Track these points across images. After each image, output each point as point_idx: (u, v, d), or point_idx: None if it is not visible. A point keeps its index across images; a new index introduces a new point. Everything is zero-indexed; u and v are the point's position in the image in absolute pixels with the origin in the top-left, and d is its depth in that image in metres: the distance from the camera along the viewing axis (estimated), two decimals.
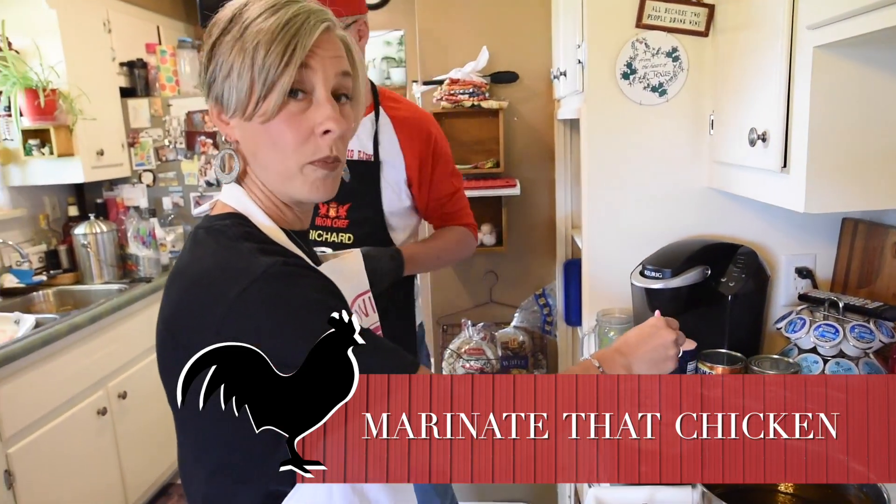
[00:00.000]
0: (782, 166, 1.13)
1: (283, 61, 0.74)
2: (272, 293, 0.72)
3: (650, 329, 0.94)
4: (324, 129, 0.77)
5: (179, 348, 0.76)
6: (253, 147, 0.80)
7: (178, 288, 0.78)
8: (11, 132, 2.75)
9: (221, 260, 0.75)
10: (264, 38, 0.74)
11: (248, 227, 0.80)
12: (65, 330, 2.28)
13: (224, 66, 0.76)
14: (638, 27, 1.51)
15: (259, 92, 0.75)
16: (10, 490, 2.03)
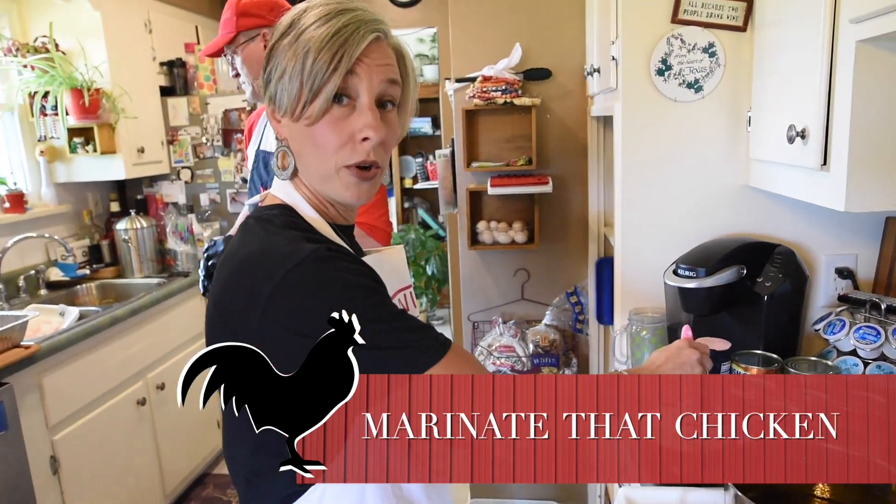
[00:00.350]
0: (822, 164, 1.10)
1: (329, 68, 0.77)
2: (315, 275, 0.75)
3: (675, 349, 0.97)
4: (363, 136, 0.81)
5: (227, 328, 0.80)
6: (298, 146, 0.84)
7: (227, 271, 0.83)
8: (58, 130, 2.84)
9: (268, 245, 0.79)
10: (315, 45, 0.78)
11: (295, 217, 0.85)
12: (107, 322, 2.35)
13: (278, 68, 0.81)
14: (674, 22, 1.49)
15: (306, 96, 0.79)
16: (55, 475, 2.11)
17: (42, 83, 2.71)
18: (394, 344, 0.76)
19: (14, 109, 2.83)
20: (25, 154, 2.90)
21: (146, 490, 2.59)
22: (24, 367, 1.98)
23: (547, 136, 2.37)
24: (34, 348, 2.00)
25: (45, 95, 2.75)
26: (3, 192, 2.71)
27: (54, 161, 2.94)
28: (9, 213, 2.71)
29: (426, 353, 0.77)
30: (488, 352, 2.33)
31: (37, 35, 2.81)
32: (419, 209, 5.56)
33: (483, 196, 2.41)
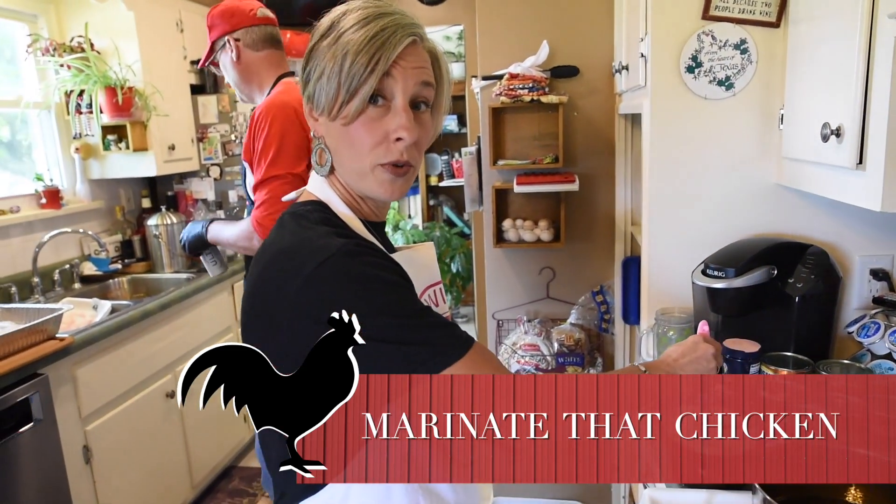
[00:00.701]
0: (858, 162, 1.07)
1: (366, 71, 0.80)
2: (344, 269, 0.77)
3: (691, 344, 0.99)
4: (396, 136, 0.83)
5: (259, 318, 0.83)
6: (334, 144, 0.87)
7: (261, 263, 0.85)
8: (92, 128, 2.91)
9: (301, 239, 0.82)
10: (353, 48, 0.80)
11: (328, 213, 0.88)
12: (138, 316, 2.40)
13: (317, 68, 0.83)
14: (704, 19, 1.47)
15: (343, 97, 0.82)
16: (87, 465, 2.16)
17: (77, 82, 2.78)
18: (417, 339, 0.77)
19: (51, 108, 2.90)
20: (61, 151, 2.97)
21: (174, 481, 2.64)
22: (59, 358, 2.03)
23: (574, 134, 2.35)
24: (68, 340, 2.05)
25: (81, 94, 2.82)
26: (40, 188, 2.78)
27: (89, 158, 3.01)
28: (45, 209, 2.78)
29: (449, 349, 0.78)
30: (513, 350, 2.33)
31: (73, 35, 2.87)
32: (444, 207, 5.56)
33: (509, 194, 2.41)
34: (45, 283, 2.70)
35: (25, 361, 1.89)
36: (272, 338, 0.82)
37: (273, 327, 0.81)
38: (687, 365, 0.95)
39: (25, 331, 1.95)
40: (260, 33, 1.92)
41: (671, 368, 0.93)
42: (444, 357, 0.77)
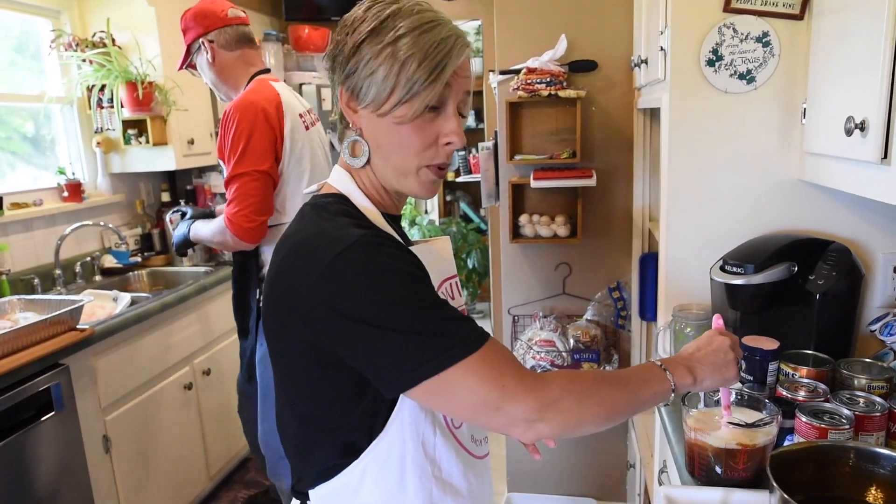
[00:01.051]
0: (882, 157, 1.05)
1: (430, 78, 0.82)
2: (363, 259, 0.78)
3: (706, 337, 0.99)
4: (447, 140, 0.86)
5: (280, 306, 0.85)
6: (378, 140, 0.88)
7: (282, 253, 0.87)
8: (114, 123, 2.94)
9: (320, 230, 0.83)
10: (418, 52, 0.82)
11: (348, 206, 0.89)
12: (157, 308, 2.43)
13: (370, 64, 0.83)
14: (726, 11, 1.44)
15: (400, 97, 0.83)
16: (107, 454, 2.19)
17: (99, 77, 2.81)
18: (433, 331, 0.78)
19: (73, 102, 2.94)
20: (83, 145, 3.01)
21: (191, 472, 2.67)
22: (80, 349, 2.06)
23: (592, 129, 2.33)
24: (89, 331, 2.08)
25: (102, 89, 2.85)
26: (63, 181, 2.83)
27: (110, 152, 3.05)
28: (67, 202, 2.82)
29: (463, 343, 0.78)
30: (528, 346, 2.32)
31: (95, 30, 2.90)
32: (461, 202, 5.56)
33: (525, 189, 2.39)
34: (67, 276, 2.74)
35: (47, 351, 1.92)
36: (292, 325, 0.84)
37: (293, 315, 0.82)
38: (703, 358, 0.94)
39: (47, 321, 1.98)
40: (233, 33, 1.99)
41: (688, 363, 0.92)
42: (458, 350, 0.77)
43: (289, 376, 0.90)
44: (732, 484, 1.03)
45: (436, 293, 0.83)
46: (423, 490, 0.89)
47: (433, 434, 0.89)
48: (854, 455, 0.88)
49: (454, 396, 0.78)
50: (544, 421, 0.78)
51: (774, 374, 1.24)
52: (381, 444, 0.87)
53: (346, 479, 0.89)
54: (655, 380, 0.88)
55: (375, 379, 0.80)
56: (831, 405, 1.06)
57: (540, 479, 2.62)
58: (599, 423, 0.82)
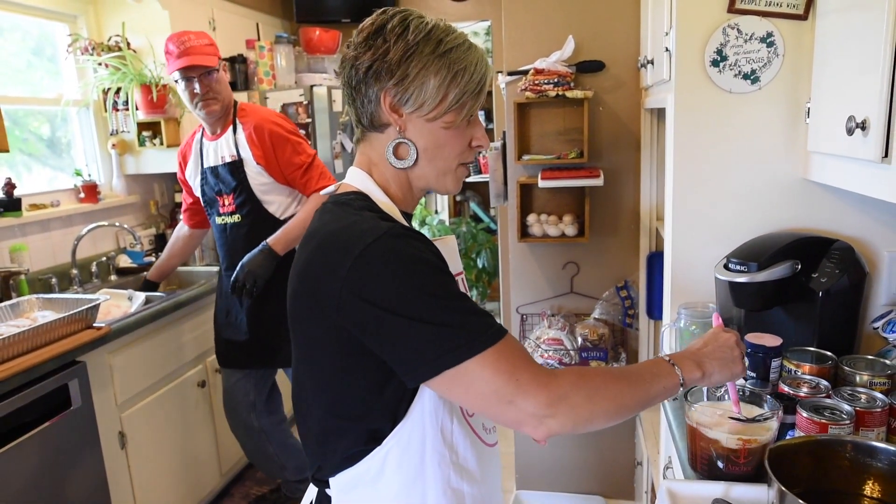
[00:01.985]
0: (883, 156, 1.06)
1: (475, 90, 0.93)
2: (391, 249, 0.82)
3: (711, 334, 1.03)
4: (478, 143, 0.98)
5: (309, 298, 0.88)
6: (425, 143, 0.94)
7: (311, 246, 0.90)
8: (128, 125, 2.99)
9: (348, 224, 0.87)
10: (469, 66, 0.91)
11: (370, 202, 0.94)
12: (170, 307, 2.47)
13: (422, 73, 0.90)
14: (730, 12, 1.46)
15: (451, 104, 0.91)
16: (123, 450, 2.24)
17: (115, 80, 2.87)
18: (455, 322, 0.81)
19: (89, 105, 3.00)
20: (99, 147, 3.07)
21: (204, 469, 2.71)
22: (96, 346, 2.10)
23: (599, 129, 2.35)
24: (105, 330, 2.12)
25: (118, 91, 2.90)
26: (79, 183, 2.88)
27: (125, 154, 3.10)
28: (84, 203, 2.88)
29: (483, 335, 0.81)
30: (536, 344, 2.34)
31: (110, 34, 2.96)
32: (471, 202, 5.58)
33: (533, 189, 2.41)
34: (84, 275, 2.80)
35: (65, 349, 1.96)
36: (320, 316, 0.87)
37: (323, 306, 0.85)
38: (711, 353, 0.97)
39: (65, 320, 2.03)
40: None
41: (697, 358, 0.95)
42: (478, 343, 0.80)
43: (316, 365, 0.93)
44: (734, 478, 1.05)
45: (457, 286, 0.86)
46: (441, 475, 0.93)
47: (451, 421, 0.93)
48: (851, 449, 0.89)
49: (471, 387, 0.81)
50: (554, 417, 0.81)
51: (777, 370, 1.25)
52: (403, 430, 0.90)
53: (368, 466, 0.92)
54: (664, 375, 0.90)
55: (398, 367, 0.84)
56: (832, 401, 1.07)
57: (548, 476, 2.64)
58: (610, 418, 0.84)
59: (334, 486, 0.96)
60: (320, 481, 0.99)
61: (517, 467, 2.65)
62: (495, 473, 1.04)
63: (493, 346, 0.81)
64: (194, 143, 2.41)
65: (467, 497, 0.95)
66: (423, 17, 0.93)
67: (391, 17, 0.92)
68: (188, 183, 2.48)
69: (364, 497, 0.93)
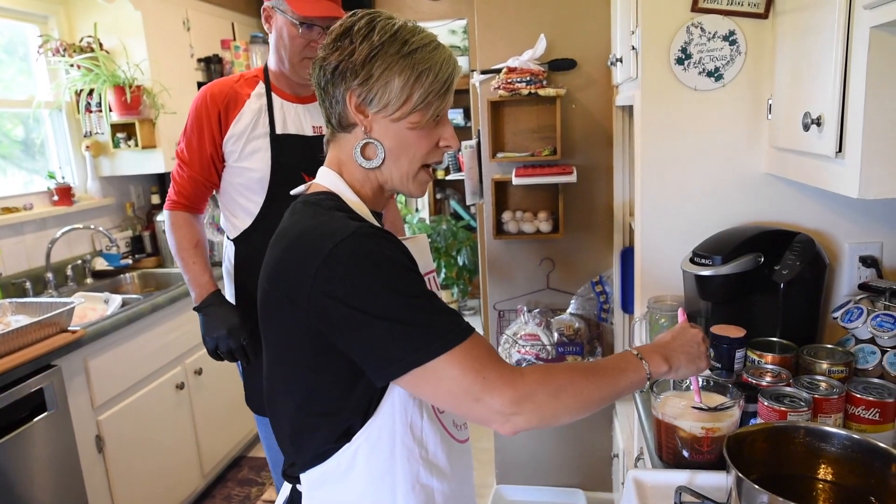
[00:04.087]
0: (837, 151, 1.10)
1: (441, 90, 0.93)
2: (361, 249, 0.83)
3: (679, 329, 1.05)
4: (447, 143, 0.98)
5: (279, 296, 0.89)
6: (391, 143, 0.95)
7: (281, 246, 0.91)
8: (102, 126, 2.97)
9: (318, 223, 0.88)
10: (434, 66, 0.91)
11: (339, 202, 0.95)
12: (147, 309, 2.46)
13: (386, 73, 0.90)
14: (694, 11, 1.49)
15: (416, 104, 0.91)
16: (100, 454, 2.23)
17: (87, 81, 2.84)
18: (422, 321, 0.82)
19: (62, 107, 2.97)
20: (72, 149, 3.04)
21: (185, 470, 2.70)
22: (71, 350, 2.09)
23: (572, 127, 2.37)
24: (80, 333, 2.11)
25: (91, 93, 2.88)
26: (53, 185, 2.85)
27: (99, 156, 3.07)
28: (58, 206, 2.85)
29: (450, 334, 0.83)
30: (514, 340, 2.36)
31: (82, 35, 2.93)
32: (451, 200, 5.59)
33: (508, 186, 2.44)
34: (58, 278, 2.77)
35: (39, 353, 1.95)
36: (291, 314, 0.87)
37: (293, 304, 0.86)
38: (679, 347, 1.00)
39: (39, 324, 2.01)
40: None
41: (664, 351, 0.97)
42: (444, 342, 0.82)
43: (287, 364, 0.94)
44: (698, 466, 1.08)
45: (426, 285, 0.88)
46: (410, 471, 0.94)
47: (420, 418, 0.94)
48: (805, 434, 0.93)
49: (439, 386, 0.83)
50: (520, 414, 0.83)
51: (741, 361, 1.28)
52: (373, 426, 0.91)
53: (338, 461, 0.93)
54: (631, 369, 0.93)
55: (367, 366, 0.85)
56: (792, 389, 1.11)
57: (528, 470, 2.67)
58: (575, 414, 0.87)
59: (305, 481, 0.97)
60: (291, 477, 1.00)
61: (497, 462, 2.68)
62: (467, 470, 1.06)
63: (461, 344, 0.82)
64: (251, 100, 1.73)
65: (437, 493, 0.97)
66: (392, 18, 0.93)
67: (359, 18, 0.93)
68: (221, 149, 1.74)
69: (333, 492, 0.94)
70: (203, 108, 1.71)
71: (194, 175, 1.75)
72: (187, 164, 1.75)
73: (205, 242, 1.86)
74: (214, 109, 1.70)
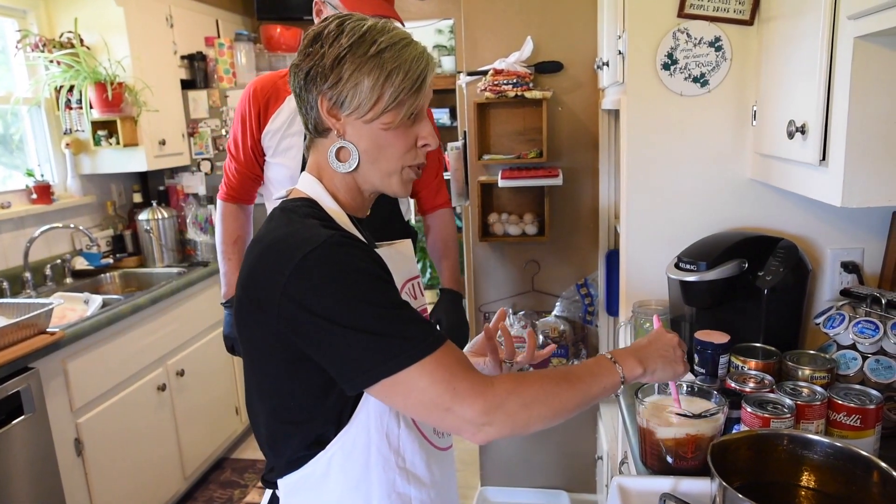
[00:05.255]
0: (821, 159, 1.11)
1: (413, 88, 0.90)
2: (331, 258, 0.83)
3: (655, 333, 1.06)
4: (425, 142, 0.95)
5: (252, 304, 0.88)
6: (365, 145, 0.93)
7: (254, 254, 0.91)
8: (82, 124, 2.92)
9: (291, 231, 0.88)
10: (403, 65, 0.89)
11: (316, 209, 0.94)
12: (128, 310, 2.43)
13: (355, 75, 0.89)
14: (680, 17, 1.49)
15: (386, 105, 0.90)
16: (79, 457, 2.19)
17: (67, 78, 2.79)
18: (392, 331, 0.81)
19: (41, 103, 2.92)
20: (52, 147, 2.99)
21: (166, 473, 2.67)
22: (50, 352, 2.06)
23: (558, 129, 2.38)
24: (59, 335, 2.08)
25: (71, 89, 2.83)
26: (31, 183, 2.80)
27: (79, 153, 3.02)
28: (36, 204, 2.80)
29: (420, 344, 0.82)
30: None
31: (62, 31, 2.88)
32: None
33: (494, 188, 2.43)
34: (37, 278, 2.72)
35: (16, 356, 1.92)
36: (263, 323, 0.87)
37: (264, 313, 0.86)
38: (655, 351, 1.00)
39: (16, 325, 1.98)
40: None
41: (639, 354, 0.97)
42: (416, 351, 0.81)
43: (260, 371, 0.94)
44: (683, 473, 1.08)
45: (398, 294, 0.87)
46: (386, 479, 0.94)
47: (397, 426, 0.94)
48: (788, 441, 0.93)
49: (409, 396, 0.82)
50: (491, 424, 0.83)
51: (725, 366, 1.29)
52: (348, 434, 0.91)
53: (313, 469, 0.93)
54: (604, 374, 0.92)
55: (337, 375, 0.84)
56: (775, 395, 1.11)
57: (512, 472, 2.67)
58: (547, 422, 0.87)
59: (282, 487, 0.97)
60: (270, 483, 0.99)
61: (481, 463, 2.68)
62: (448, 477, 1.05)
63: (431, 355, 0.82)
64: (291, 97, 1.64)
65: (415, 501, 0.96)
66: (364, 19, 0.92)
67: (330, 22, 0.93)
68: (260, 144, 1.79)
69: (309, 499, 0.94)
70: (245, 103, 1.77)
71: (240, 168, 1.83)
72: (234, 157, 1.83)
73: (246, 238, 1.91)
74: (255, 105, 1.76)
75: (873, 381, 1.20)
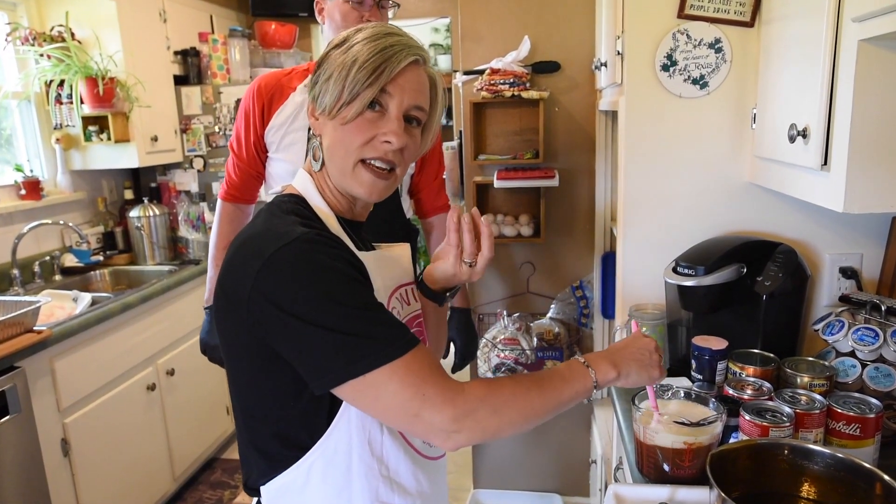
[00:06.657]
0: (822, 164, 1.09)
1: (368, 80, 0.87)
2: (302, 255, 0.82)
3: (631, 338, 1.04)
4: (385, 139, 0.89)
5: (227, 298, 0.88)
6: (328, 142, 0.92)
7: (233, 247, 0.90)
8: (73, 119, 2.88)
9: (268, 227, 0.88)
10: (361, 57, 0.87)
11: (302, 206, 0.93)
12: (118, 308, 2.39)
13: (326, 72, 0.90)
14: (680, 17, 1.48)
15: (345, 99, 0.88)
16: (66, 457, 2.16)
17: (58, 72, 2.75)
18: (362, 332, 0.80)
19: (31, 98, 2.87)
20: (41, 142, 2.94)
21: (155, 473, 2.64)
22: (36, 351, 2.02)
23: (555, 130, 2.36)
24: (46, 333, 2.04)
25: (61, 84, 2.79)
26: (20, 178, 2.76)
27: (70, 149, 2.98)
28: (25, 200, 2.76)
29: (390, 347, 0.81)
30: (493, 344, 2.34)
31: (53, 24, 2.84)
32: None
33: (489, 189, 2.41)
34: (25, 275, 2.68)
35: (1, 355, 1.88)
36: (235, 318, 0.86)
37: (237, 306, 0.85)
38: (630, 355, 0.98)
39: (2, 323, 1.94)
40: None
41: (613, 358, 0.96)
42: (383, 355, 0.80)
43: (234, 368, 0.94)
44: (680, 481, 1.06)
45: (372, 296, 0.85)
46: (369, 487, 0.92)
47: (380, 433, 0.92)
48: (788, 451, 0.91)
49: (378, 399, 0.81)
50: (461, 432, 0.81)
51: (723, 372, 1.27)
52: (328, 441, 0.89)
53: (294, 475, 0.91)
54: (577, 378, 0.91)
55: (304, 373, 0.83)
56: (774, 403, 1.10)
57: (505, 475, 2.65)
58: (519, 427, 0.86)
59: (264, 493, 0.95)
60: (252, 489, 0.97)
61: (474, 466, 2.66)
62: (438, 487, 1.03)
63: (400, 358, 0.80)
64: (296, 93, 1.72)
65: None
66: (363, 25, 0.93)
67: None
68: (263, 140, 1.77)
69: None
70: (249, 99, 1.75)
71: (242, 165, 1.80)
72: (236, 155, 1.81)
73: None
74: (259, 101, 1.74)
75: (872, 389, 1.18)
